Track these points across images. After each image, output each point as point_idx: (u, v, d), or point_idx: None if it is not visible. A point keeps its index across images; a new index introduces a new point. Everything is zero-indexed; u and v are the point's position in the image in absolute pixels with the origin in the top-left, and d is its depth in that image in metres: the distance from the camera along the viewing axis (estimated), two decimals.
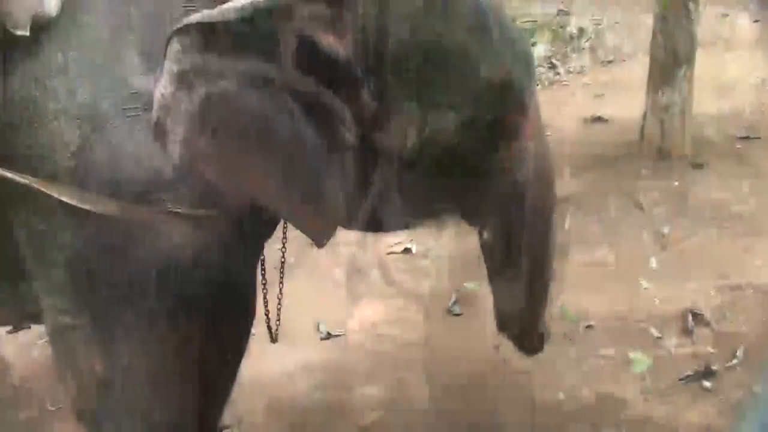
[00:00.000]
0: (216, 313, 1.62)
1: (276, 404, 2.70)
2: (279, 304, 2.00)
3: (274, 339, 2.02)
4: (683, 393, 2.54)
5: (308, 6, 1.35)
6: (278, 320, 2.00)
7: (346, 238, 1.69)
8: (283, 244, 1.89)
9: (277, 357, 2.86)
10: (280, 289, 1.99)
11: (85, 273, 1.48)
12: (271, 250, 1.88)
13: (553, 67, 5.99)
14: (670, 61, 3.93)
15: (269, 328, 2.00)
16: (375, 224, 1.68)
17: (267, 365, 2.84)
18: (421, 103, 1.44)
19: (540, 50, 6.18)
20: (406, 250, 3.62)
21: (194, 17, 1.32)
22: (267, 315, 1.98)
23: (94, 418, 1.61)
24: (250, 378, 2.48)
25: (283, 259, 1.93)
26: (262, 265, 1.87)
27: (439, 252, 3.57)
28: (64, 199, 1.38)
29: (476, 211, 1.66)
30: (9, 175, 1.39)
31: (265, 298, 1.96)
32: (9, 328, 3.08)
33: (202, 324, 1.60)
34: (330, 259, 3.54)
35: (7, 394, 2.83)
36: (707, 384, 2.55)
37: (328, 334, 3.07)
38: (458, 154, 1.50)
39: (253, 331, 2.13)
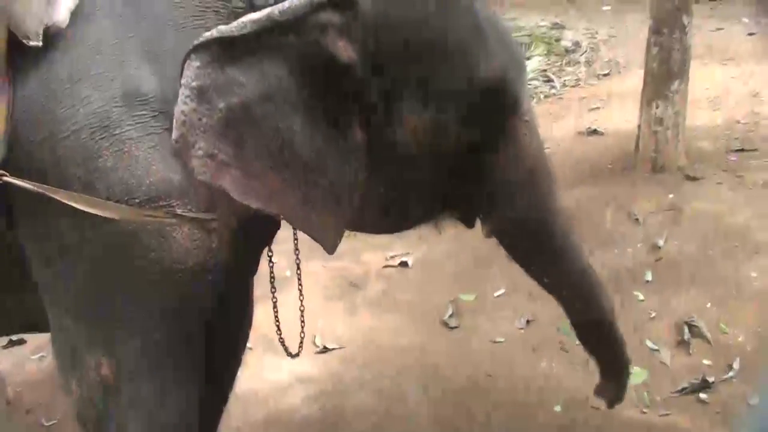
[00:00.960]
0: (218, 315, 1.64)
1: (272, 417, 2.70)
2: (302, 317, 2.04)
3: (292, 353, 2.03)
4: (679, 405, 2.54)
5: (320, 14, 1.39)
6: (303, 333, 2.03)
7: (341, 251, 1.69)
8: (297, 256, 1.93)
9: (273, 369, 2.86)
10: (301, 301, 2.03)
11: (92, 275, 1.49)
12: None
13: (548, 80, 6.01)
14: (665, 74, 3.95)
15: (282, 342, 2.02)
16: (380, 227, 1.73)
17: (263, 377, 2.84)
18: (428, 103, 1.49)
19: (535, 63, 6.21)
20: (402, 264, 3.62)
21: (212, 33, 1.35)
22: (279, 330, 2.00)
23: (97, 422, 1.61)
24: (247, 390, 2.49)
25: (298, 273, 1.96)
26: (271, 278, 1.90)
27: (435, 265, 3.58)
28: (72, 204, 1.39)
29: (477, 208, 1.69)
30: (19, 182, 1.40)
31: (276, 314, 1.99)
32: (4, 343, 3.09)
33: (206, 327, 1.62)
34: (326, 273, 3.54)
35: (1, 409, 2.82)
36: (703, 396, 2.55)
37: (325, 347, 3.07)
38: (460, 151, 1.55)
39: (249, 344, 2.14)
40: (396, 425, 2.61)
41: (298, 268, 1.95)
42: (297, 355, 2.03)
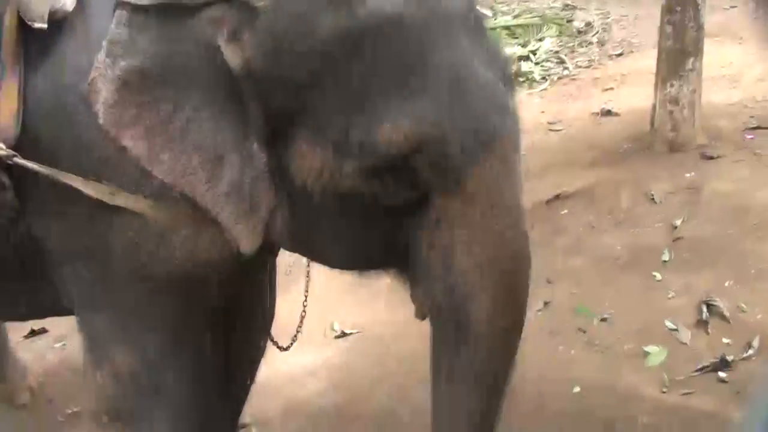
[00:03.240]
0: (232, 306, 1.65)
1: (289, 406, 2.71)
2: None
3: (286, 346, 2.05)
4: (699, 384, 2.53)
5: (215, 8, 1.35)
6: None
7: None
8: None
9: (291, 357, 2.87)
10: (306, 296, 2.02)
11: (107, 269, 1.52)
12: (283, 254, 1.89)
13: (561, 61, 5.98)
14: (679, 53, 3.91)
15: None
16: (330, 261, 1.61)
17: (279, 367, 2.85)
18: (327, 139, 1.32)
19: (547, 45, 6.17)
20: None
21: None
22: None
23: (126, 413, 1.63)
24: (263, 380, 2.50)
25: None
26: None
27: None
28: (91, 193, 1.42)
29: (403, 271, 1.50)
30: (29, 164, 1.43)
31: None
32: (26, 333, 3.11)
33: (220, 318, 1.63)
34: None
35: (24, 399, 2.84)
36: (723, 375, 2.54)
37: (342, 332, 3.07)
38: (369, 204, 1.35)
39: None
40: (413, 411, 2.61)
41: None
42: (287, 348, 2.03)
